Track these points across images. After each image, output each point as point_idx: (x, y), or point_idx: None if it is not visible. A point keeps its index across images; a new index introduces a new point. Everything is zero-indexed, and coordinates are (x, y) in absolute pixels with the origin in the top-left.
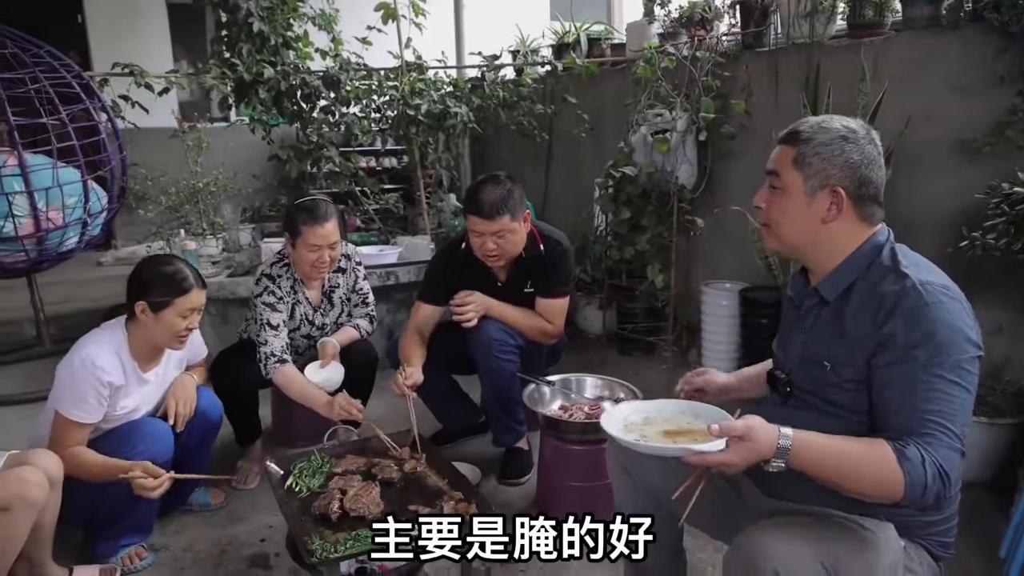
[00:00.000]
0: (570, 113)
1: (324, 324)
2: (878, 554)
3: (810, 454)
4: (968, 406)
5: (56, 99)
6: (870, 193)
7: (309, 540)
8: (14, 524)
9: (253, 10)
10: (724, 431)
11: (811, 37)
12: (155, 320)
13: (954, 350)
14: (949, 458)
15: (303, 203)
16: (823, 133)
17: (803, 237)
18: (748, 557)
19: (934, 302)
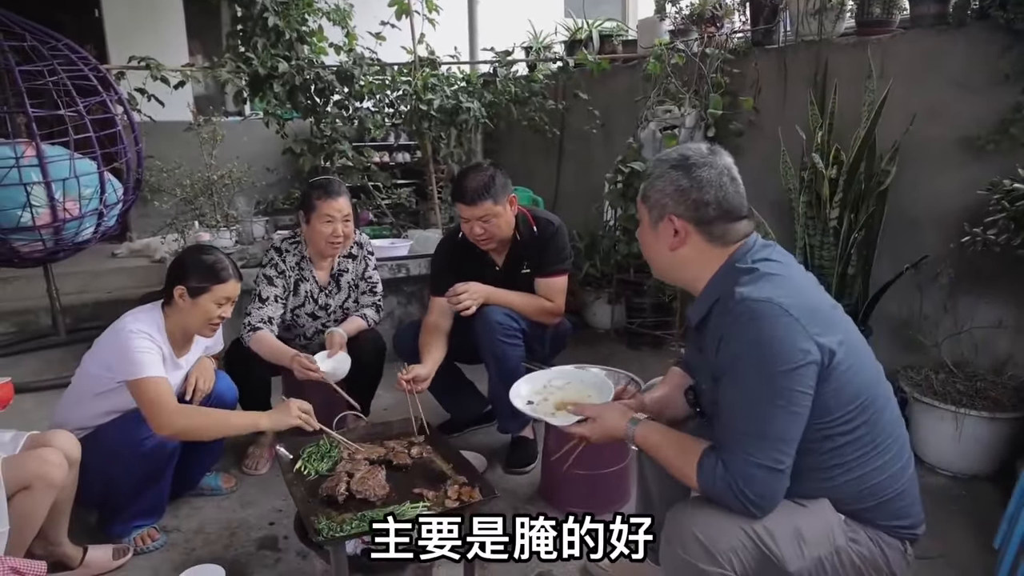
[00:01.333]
0: (581, 109)
1: (328, 305)
2: (808, 517)
3: (647, 444)
4: (784, 417)
5: (73, 91)
6: (711, 214)
7: (316, 520)
8: (35, 502)
9: (268, 5)
10: (577, 410)
11: (820, 34)
12: (192, 305)
13: (765, 366)
14: (747, 474)
15: (317, 181)
16: (659, 165)
17: (662, 266)
18: (674, 525)
19: (748, 319)
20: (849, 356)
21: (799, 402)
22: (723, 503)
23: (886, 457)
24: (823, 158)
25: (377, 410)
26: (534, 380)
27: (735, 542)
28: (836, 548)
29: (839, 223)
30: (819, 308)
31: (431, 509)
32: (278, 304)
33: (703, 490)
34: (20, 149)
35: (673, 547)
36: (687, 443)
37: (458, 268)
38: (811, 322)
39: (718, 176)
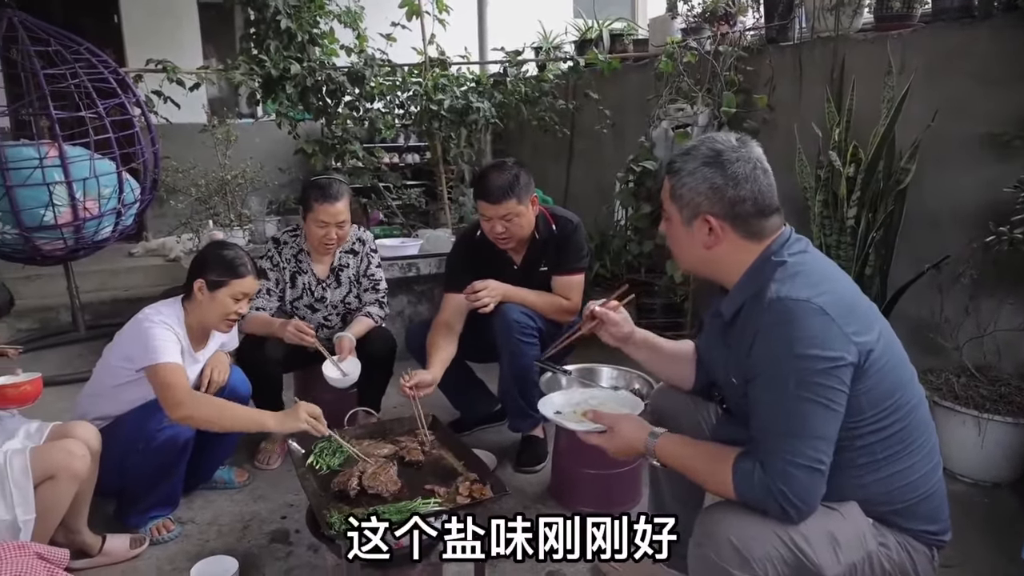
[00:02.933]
0: (591, 109)
1: (326, 298)
2: (840, 521)
3: (670, 459)
4: (822, 415)
5: (94, 94)
6: (747, 211)
7: (328, 514)
8: (59, 492)
9: (281, 7)
10: (595, 418)
11: (836, 30)
12: (210, 298)
13: (800, 366)
14: (787, 474)
15: (318, 180)
16: (689, 162)
17: (694, 263)
18: (706, 528)
19: (783, 318)
20: (884, 354)
21: (836, 400)
22: (761, 508)
23: (917, 457)
24: (840, 156)
25: (387, 408)
26: (569, 395)
27: (771, 549)
28: (868, 553)
29: (856, 222)
30: (856, 305)
31: (442, 505)
32: (271, 297)
33: (740, 497)
34: (44, 150)
35: (705, 551)
36: (715, 451)
37: (475, 266)
38: (848, 321)
39: (752, 170)
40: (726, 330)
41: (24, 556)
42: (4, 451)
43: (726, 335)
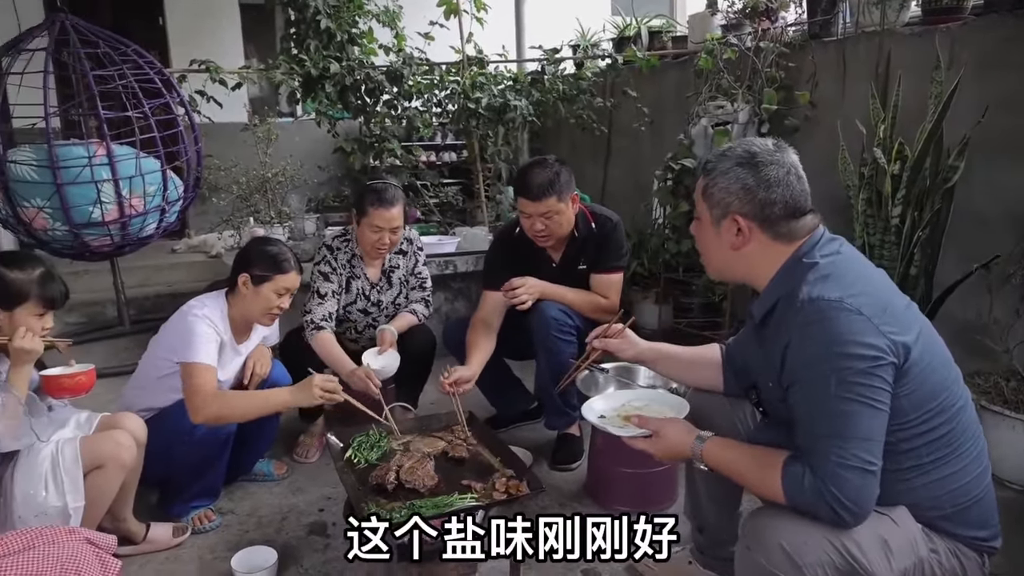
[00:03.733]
0: (630, 106)
1: (380, 301)
2: (891, 526)
3: (717, 463)
4: (867, 415)
5: (140, 94)
6: (777, 213)
7: (366, 507)
8: (107, 480)
9: (321, 8)
10: (640, 423)
11: (882, 24)
12: (254, 293)
13: (839, 367)
14: (838, 477)
15: (374, 185)
16: (723, 162)
17: (722, 264)
18: (756, 532)
19: (818, 319)
20: (925, 355)
21: (880, 399)
22: (813, 512)
23: (965, 461)
24: (885, 153)
25: (424, 404)
26: (611, 399)
27: (823, 555)
28: (920, 559)
29: (901, 221)
30: (892, 305)
31: (479, 501)
32: (335, 300)
33: (791, 501)
34: (92, 149)
35: (755, 555)
36: (764, 455)
37: (514, 263)
38: (883, 320)
39: (786, 175)
40: (758, 332)
41: (75, 540)
42: (56, 440)
43: (758, 336)
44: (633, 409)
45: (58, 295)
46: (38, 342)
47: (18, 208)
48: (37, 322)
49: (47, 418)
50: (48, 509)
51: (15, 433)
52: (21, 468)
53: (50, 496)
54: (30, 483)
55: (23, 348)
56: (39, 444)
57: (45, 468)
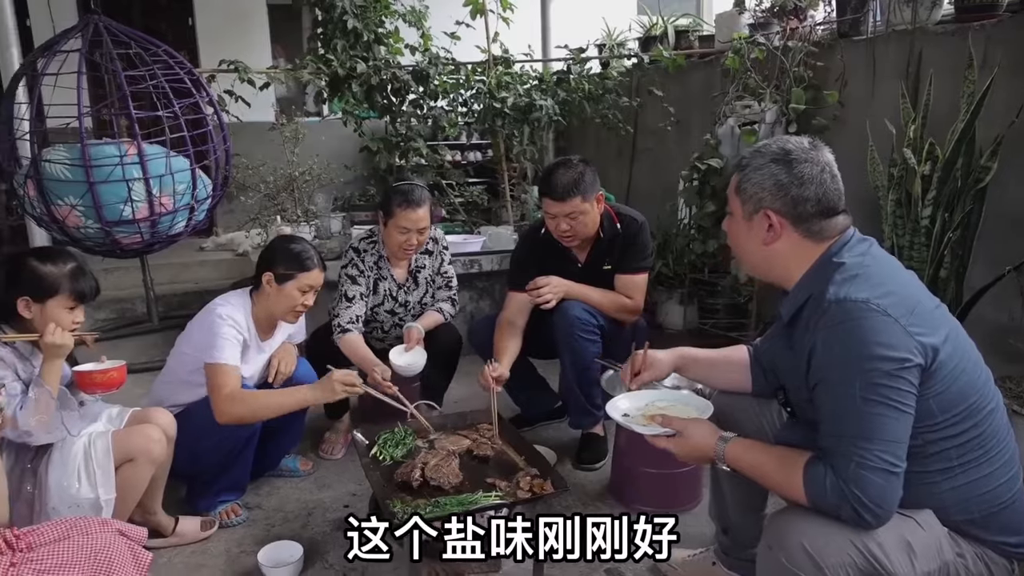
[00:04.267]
0: (655, 106)
1: (407, 302)
2: (915, 528)
3: (740, 464)
4: (892, 417)
5: (170, 94)
6: (809, 211)
7: (391, 503)
8: (138, 474)
9: (347, 8)
10: (664, 423)
11: (914, 23)
12: (278, 291)
13: (865, 368)
14: (861, 478)
15: (400, 186)
16: (757, 158)
17: (753, 260)
18: (778, 532)
19: (845, 320)
20: (954, 357)
21: (905, 401)
22: (835, 513)
23: (996, 465)
24: (915, 154)
25: (449, 402)
26: (636, 397)
27: (845, 556)
28: (944, 563)
29: (931, 222)
30: (920, 306)
31: (503, 499)
32: (363, 302)
33: (812, 502)
34: (124, 148)
35: (776, 555)
36: (786, 456)
37: (539, 263)
38: (911, 322)
39: (820, 172)
40: (786, 332)
41: (107, 532)
42: (89, 433)
43: (787, 337)
44: (657, 409)
45: (88, 289)
46: (68, 337)
47: (52, 206)
48: (68, 315)
49: (78, 412)
50: (81, 501)
51: (48, 427)
52: (55, 460)
53: (83, 488)
54: (64, 475)
55: (54, 343)
56: (71, 437)
57: (78, 461)
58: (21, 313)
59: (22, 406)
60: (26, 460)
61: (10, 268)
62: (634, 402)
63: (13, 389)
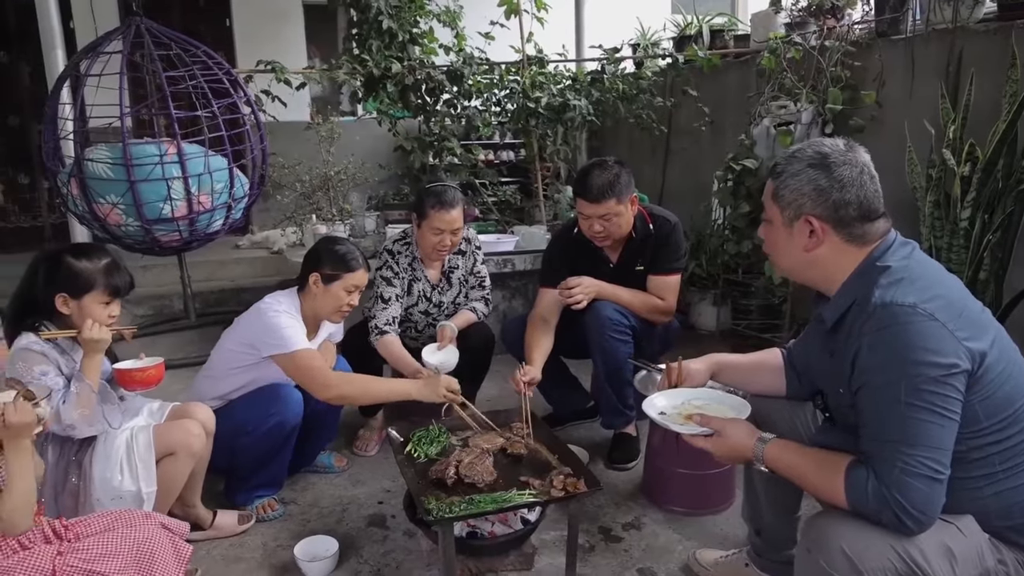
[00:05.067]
0: (690, 106)
1: (441, 302)
2: (956, 534)
3: (779, 465)
4: (937, 424)
5: (209, 94)
6: (851, 215)
7: (426, 500)
8: (177, 467)
9: (383, 8)
10: (703, 422)
11: (954, 21)
12: (324, 291)
13: (911, 373)
14: (904, 484)
15: (433, 187)
16: (793, 163)
17: (794, 266)
18: (817, 535)
19: (891, 325)
20: (1000, 361)
21: (951, 408)
22: (876, 519)
23: None
24: (955, 154)
25: (481, 400)
26: (672, 396)
27: (885, 562)
28: (985, 570)
29: (970, 224)
30: (967, 310)
31: (536, 498)
32: (399, 304)
33: (853, 506)
34: (163, 147)
35: (815, 557)
36: (827, 458)
37: (571, 263)
38: (958, 326)
39: (859, 175)
40: (828, 337)
41: (151, 524)
42: (130, 428)
43: (828, 342)
44: (694, 408)
45: (123, 284)
46: (106, 332)
47: (94, 204)
48: (103, 310)
49: (119, 406)
50: (123, 493)
51: (90, 420)
52: (98, 454)
53: (125, 481)
54: (107, 468)
55: (92, 338)
56: (114, 431)
57: (120, 454)
58: (59, 309)
59: (65, 400)
60: (71, 453)
61: (48, 266)
62: (671, 400)
63: (56, 384)
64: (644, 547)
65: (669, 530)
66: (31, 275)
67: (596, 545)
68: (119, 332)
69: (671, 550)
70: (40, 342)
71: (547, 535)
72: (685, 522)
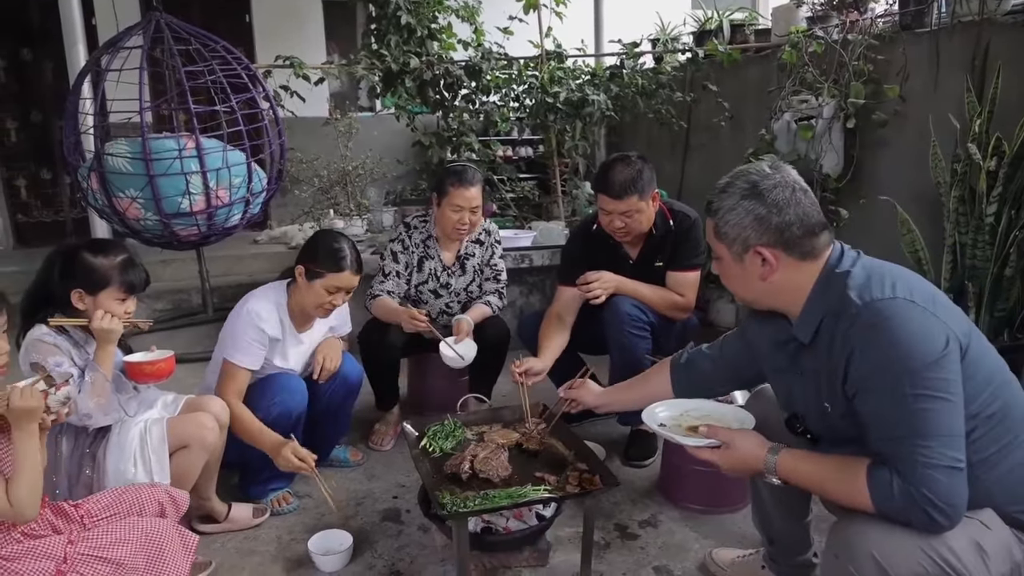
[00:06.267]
0: (709, 101)
1: (450, 285)
2: (983, 529)
3: (793, 475)
4: (946, 410)
5: (228, 89)
6: (796, 234)
7: (440, 495)
8: (191, 460)
9: (401, 3)
10: (710, 433)
11: (981, 14)
12: (307, 286)
13: (911, 363)
14: (928, 478)
15: (454, 166)
16: (726, 198)
17: (754, 295)
18: (845, 540)
19: (879, 320)
20: (974, 339)
21: (953, 391)
22: (904, 518)
23: None
24: (980, 149)
25: (498, 395)
26: (672, 407)
27: (916, 566)
28: (1016, 564)
29: (996, 220)
30: (936, 295)
31: (552, 493)
32: (400, 280)
33: (880, 508)
34: (182, 142)
35: (844, 563)
36: (844, 463)
37: (591, 259)
38: (937, 310)
39: (791, 194)
40: (800, 355)
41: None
42: (144, 420)
43: (800, 360)
44: (693, 419)
45: (138, 281)
46: (116, 323)
47: (113, 198)
48: (119, 306)
49: (135, 396)
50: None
51: (105, 409)
52: (112, 445)
53: (138, 473)
54: (120, 459)
55: (102, 328)
56: (129, 423)
57: (134, 446)
58: (75, 305)
59: (80, 390)
60: (85, 445)
61: (64, 260)
62: (671, 411)
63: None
64: (660, 545)
65: (686, 528)
66: (47, 270)
67: (612, 542)
68: (133, 323)
69: (688, 548)
70: (52, 333)
71: (562, 532)
72: (702, 520)
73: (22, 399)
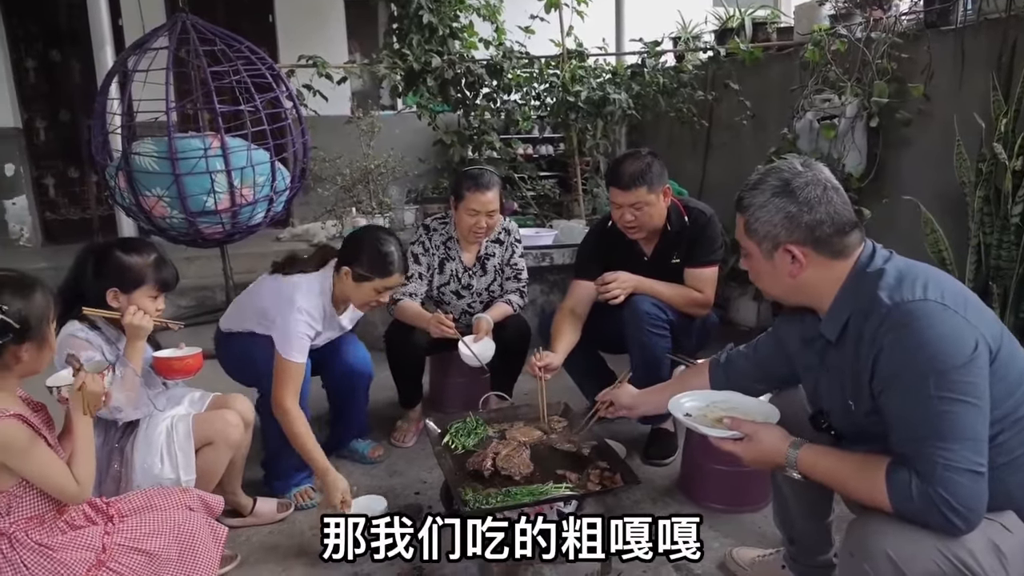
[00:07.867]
0: (731, 100)
1: (471, 285)
2: (1001, 530)
3: (813, 470)
4: (971, 414)
5: (252, 88)
6: (827, 232)
7: (463, 492)
8: (216, 457)
9: (423, 3)
10: (733, 425)
11: (1008, 11)
12: (355, 286)
13: (938, 364)
14: (948, 481)
15: (470, 170)
16: (758, 195)
17: (783, 292)
18: (861, 539)
19: (909, 322)
20: (1006, 343)
21: (979, 394)
22: (923, 520)
23: None
24: (1006, 148)
25: (518, 393)
26: (698, 397)
27: (932, 565)
28: None
29: (1022, 220)
30: (970, 297)
31: (573, 491)
32: (422, 281)
33: (898, 509)
34: (208, 141)
35: (859, 562)
36: (864, 461)
37: (606, 256)
38: (968, 313)
39: (823, 192)
40: (827, 352)
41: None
42: (171, 416)
43: (827, 357)
44: (719, 411)
45: (171, 278)
46: (147, 319)
47: (140, 197)
48: (152, 304)
49: (163, 391)
50: (163, 481)
51: (135, 403)
52: (140, 441)
53: (165, 469)
54: (147, 455)
55: (134, 324)
56: (157, 419)
57: (161, 442)
58: (110, 303)
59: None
60: (114, 440)
61: (97, 260)
62: (697, 402)
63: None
64: None
65: (706, 527)
66: (79, 269)
67: None
68: (166, 324)
69: (708, 547)
70: (84, 329)
71: None
72: (723, 519)
73: (94, 383)
